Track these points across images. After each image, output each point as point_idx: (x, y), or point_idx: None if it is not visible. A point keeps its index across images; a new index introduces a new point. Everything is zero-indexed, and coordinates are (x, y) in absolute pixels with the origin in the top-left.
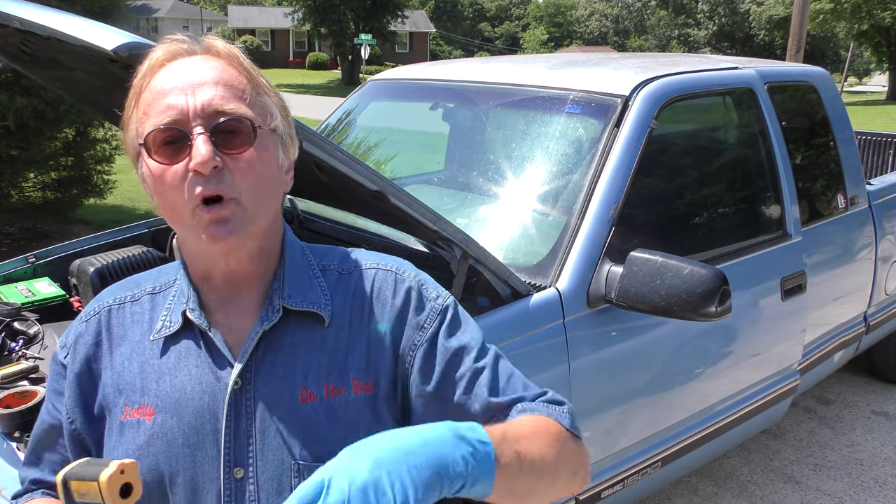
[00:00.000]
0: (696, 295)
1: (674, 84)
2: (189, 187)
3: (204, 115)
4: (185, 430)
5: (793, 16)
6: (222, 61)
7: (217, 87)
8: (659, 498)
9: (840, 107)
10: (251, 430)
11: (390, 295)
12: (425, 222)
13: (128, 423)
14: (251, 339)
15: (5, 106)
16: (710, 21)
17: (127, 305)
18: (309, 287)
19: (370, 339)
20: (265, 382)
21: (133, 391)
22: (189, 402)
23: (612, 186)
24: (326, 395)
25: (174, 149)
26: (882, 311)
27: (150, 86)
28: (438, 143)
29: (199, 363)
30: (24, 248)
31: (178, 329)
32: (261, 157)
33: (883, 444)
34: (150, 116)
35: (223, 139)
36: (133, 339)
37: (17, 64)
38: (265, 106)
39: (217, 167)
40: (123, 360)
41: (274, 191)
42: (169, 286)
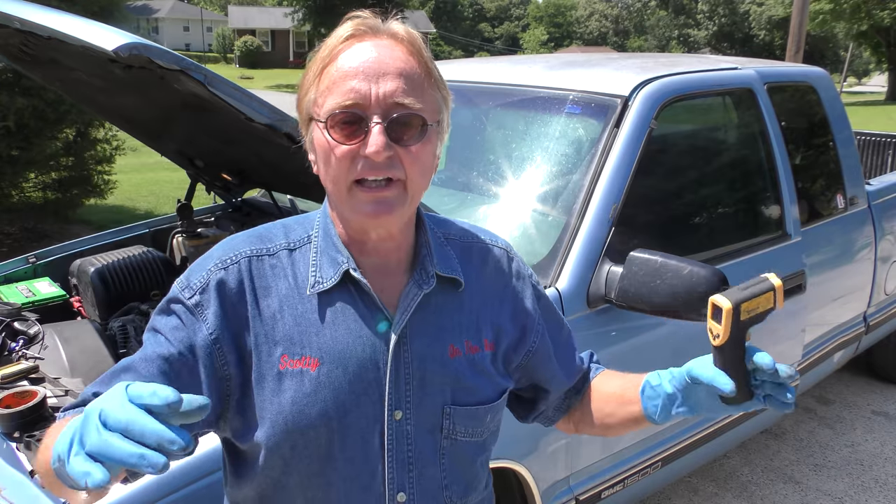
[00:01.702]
0: (696, 295)
1: (673, 84)
2: (356, 167)
3: (384, 105)
4: (351, 378)
5: (792, 16)
6: (405, 49)
7: (399, 80)
8: (659, 498)
9: (839, 107)
10: (409, 378)
11: (506, 271)
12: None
13: (288, 373)
14: (411, 299)
15: (6, 106)
16: (710, 21)
17: (265, 258)
18: (445, 255)
19: (493, 307)
20: (419, 338)
21: (291, 343)
22: (352, 353)
23: (612, 186)
24: (467, 350)
25: (350, 129)
26: (882, 311)
27: (337, 63)
28: None
29: (356, 318)
30: (24, 248)
31: (333, 286)
32: (425, 148)
33: (883, 444)
34: (333, 94)
35: (396, 130)
36: (280, 291)
37: (17, 64)
38: (435, 100)
39: (389, 156)
40: (273, 312)
41: (429, 177)
42: (304, 243)
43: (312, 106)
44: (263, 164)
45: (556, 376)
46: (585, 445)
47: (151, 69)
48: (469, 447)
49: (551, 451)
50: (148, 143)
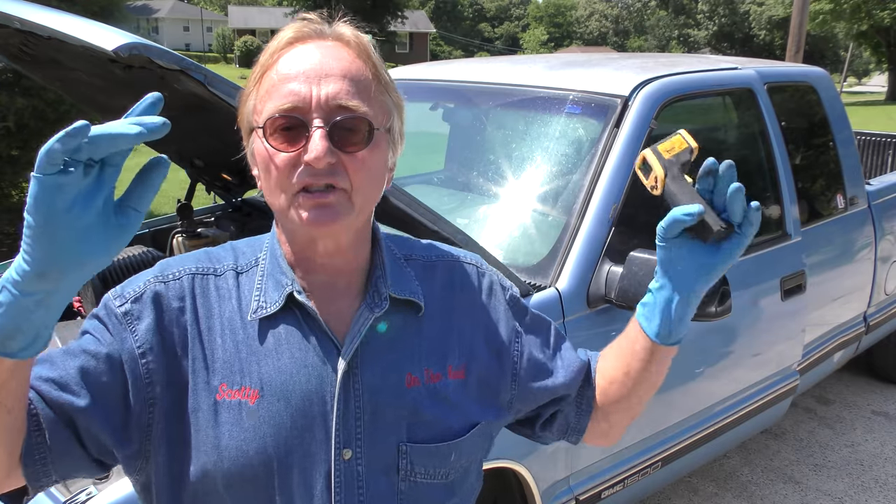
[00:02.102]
0: None
1: (673, 84)
2: (298, 175)
3: (326, 108)
4: (294, 413)
5: (792, 16)
6: (351, 52)
7: (343, 81)
8: (659, 498)
9: (839, 107)
10: (359, 413)
11: (476, 287)
12: (425, 222)
13: (225, 404)
14: (362, 323)
15: (6, 106)
16: (710, 21)
17: (210, 278)
18: (403, 277)
19: (461, 329)
20: (371, 367)
21: (231, 371)
22: (296, 384)
23: (612, 186)
24: (427, 379)
25: (290, 135)
26: (882, 311)
27: (277, 66)
28: (438, 143)
29: (302, 346)
30: None
31: (277, 311)
32: (372, 155)
33: (883, 444)
34: (272, 99)
35: (340, 135)
36: (222, 314)
37: (17, 64)
38: (385, 105)
39: (331, 163)
40: (215, 336)
41: (379, 187)
42: (252, 266)
43: (252, 115)
44: None
45: (559, 388)
46: (585, 445)
47: (151, 69)
48: (433, 490)
49: (551, 451)
50: (148, 143)
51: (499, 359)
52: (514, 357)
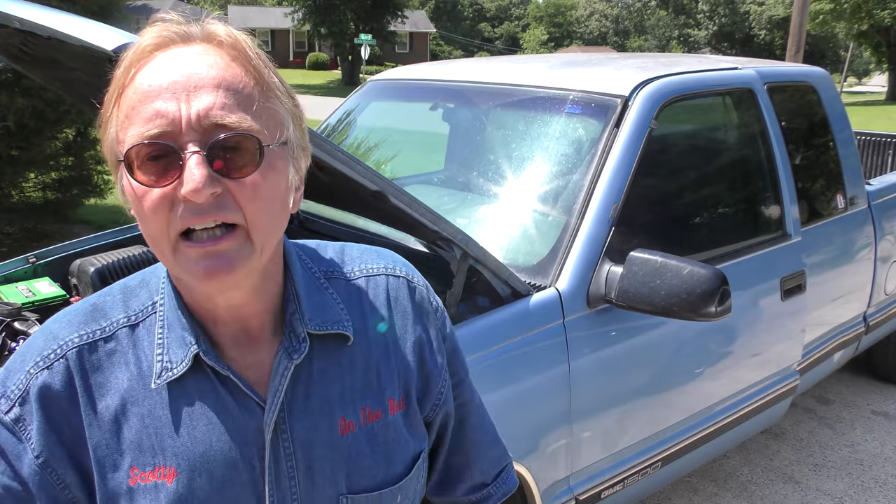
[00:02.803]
0: (696, 295)
1: (673, 84)
2: (176, 216)
3: (200, 129)
4: (219, 486)
5: (792, 16)
6: (225, 55)
7: (217, 92)
8: (659, 498)
9: (839, 107)
10: (293, 472)
11: (408, 304)
12: (425, 222)
13: (140, 489)
14: (282, 374)
15: (6, 106)
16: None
17: (99, 343)
18: (324, 303)
19: (395, 353)
20: (300, 418)
21: (140, 451)
22: (217, 455)
23: (612, 186)
24: (364, 421)
25: (161, 166)
26: (882, 311)
27: (136, 82)
28: (438, 143)
29: (218, 409)
30: (24, 248)
31: (185, 371)
32: (267, 178)
33: (883, 444)
34: (134, 123)
35: (223, 158)
36: (120, 386)
37: (17, 64)
38: (275, 114)
39: (215, 194)
40: (115, 415)
41: (282, 215)
42: (148, 314)
43: (115, 145)
44: None
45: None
46: (585, 445)
47: None
48: None
49: (551, 451)
50: None
51: (427, 381)
52: (443, 380)
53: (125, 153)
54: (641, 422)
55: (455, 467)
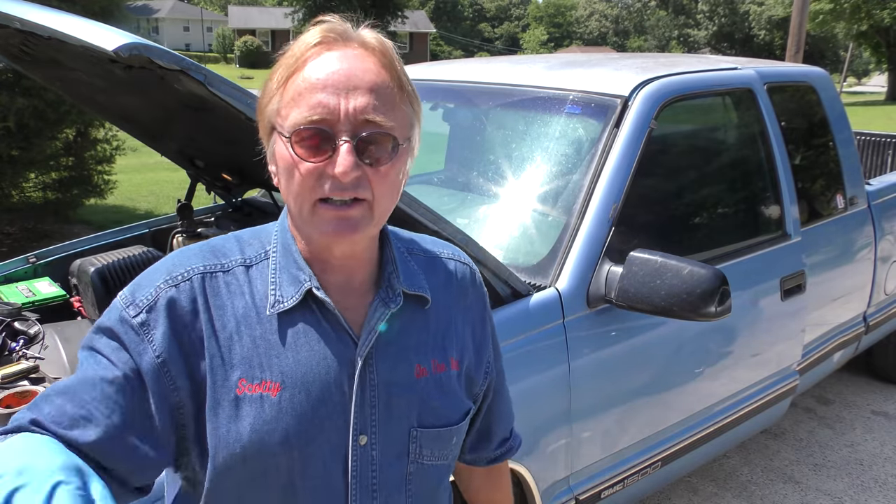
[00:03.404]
0: (696, 295)
1: (673, 84)
2: (322, 185)
3: (353, 122)
4: (314, 403)
5: (792, 16)
6: (377, 61)
7: (371, 95)
8: (659, 498)
9: (839, 107)
10: (374, 402)
11: (470, 286)
12: (425, 222)
13: (246, 398)
14: (377, 318)
15: (6, 106)
16: (710, 21)
17: (219, 275)
18: (411, 272)
19: (456, 324)
20: (384, 359)
21: (250, 366)
22: (315, 377)
23: (612, 186)
24: (434, 370)
25: (317, 146)
26: (881, 311)
27: (304, 73)
28: (438, 143)
29: (320, 340)
30: (24, 248)
31: (294, 305)
32: (395, 168)
33: (883, 444)
34: (299, 107)
35: (365, 149)
36: (236, 311)
37: (17, 64)
38: (406, 117)
39: (357, 176)
40: (230, 334)
41: (397, 195)
42: (261, 259)
43: (276, 116)
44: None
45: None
46: (585, 445)
47: (151, 69)
48: (435, 471)
49: (551, 451)
50: (148, 143)
51: (478, 354)
52: (489, 356)
53: (291, 132)
54: (641, 422)
55: (489, 427)
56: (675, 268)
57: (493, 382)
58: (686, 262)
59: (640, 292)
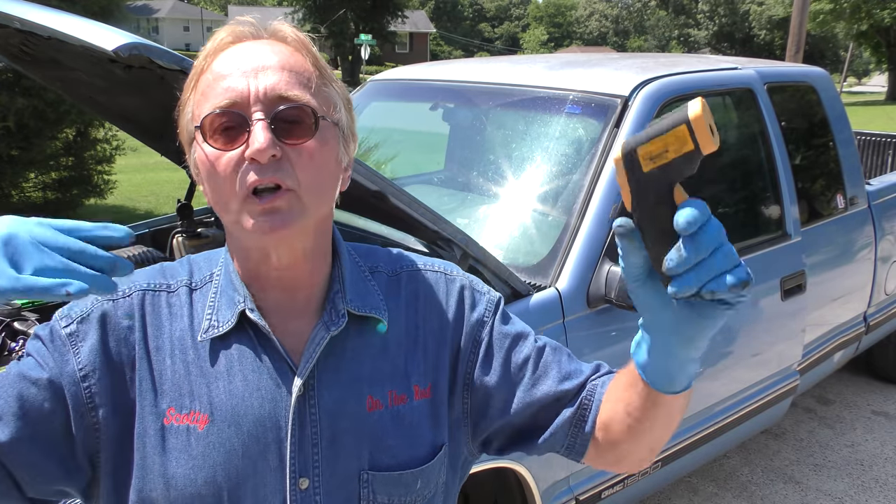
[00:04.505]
0: None
1: (673, 84)
2: (242, 176)
3: (265, 101)
4: (245, 440)
5: (792, 16)
6: (289, 47)
7: (282, 72)
8: (659, 498)
9: (839, 107)
10: (316, 439)
11: (444, 297)
12: (425, 222)
13: (173, 429)
14: (317, 343)
15: (6, 106)
16: (710, 21)
17: (163, 294)
18: (366, 291)
19: (426, 344)
20: (329, 389)
21: (179, 394)
22: (248, 409)
23: (612, 186)
24: (391, 402)
25: (231, 134)
26: (882, 311)
27: (212, 67)
28: (438, 143)
29: (255, 368)
30: None
31: (228, 331)
32: (321, 149)
33: (883, 444)
34: (209, 99)
35: (284, 128)
36: (173, 334)
37: (17, 64)
38: (330, 96)
39: (276, 156)
40: (164, 357)
41: (331, 186)
42: (206, 282)
43: (191, 122)
44: None
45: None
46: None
47: (152, 69)
48: None
49: None
50: (148, 143)
51: (454, 369)
52: (468, 365)
53: (200, 122)
54: None
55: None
56: None
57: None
58: None
59: None
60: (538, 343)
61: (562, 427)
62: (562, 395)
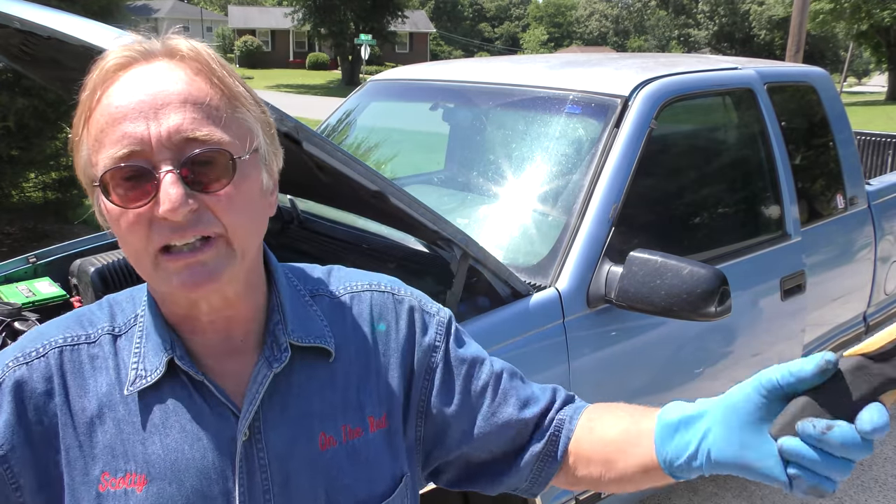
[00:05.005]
0: (696, 295)
1: (673, 84)
2: (158, 233)
3: (171, 146)
4: (189, 496)
5: (792, 16)
6: (189, 69)
7: (185, 108)
8: (659, 498)
9: (839, 107)
10: (268, 485)
11: (393, 319)
12: (425, 222)
13: (109, 495)
14: (259, 383)
15: (6, 106)
16: (710, 21)
17: (83, 347)
18: (307, 318)
19: (378, 371)
20: (277, 430)
21: (112, 456)
22: (189, 463)
23: (612, 186)
24: (345, 437)
25: (136, 186)
26: (881, 311)
27: (102, 104)
28: (438, 143)
29: (193, 417)
30: (24, 248)
31: (159, 379)
32: (241, 188)
33: (883, 444)
34: (105, 146)
35: (197, 173)
36: (99, 390)
37: (17, 64)
38: (243, 123)
39: (192, 210)
40: (91, 418)
41: (260, 221)
42: (131, 325)
43: (88, 168)
44: None
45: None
46: None
47: None
48: None
49: None
50: None
51: (407, 395)
52: (423, 392)
53: (100, 177)
54: None
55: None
56: (675, 268)
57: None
58: (686, 262)
59: (640, 292)
60: (495, 368)
61: (529, 463)
62: (523, 426)
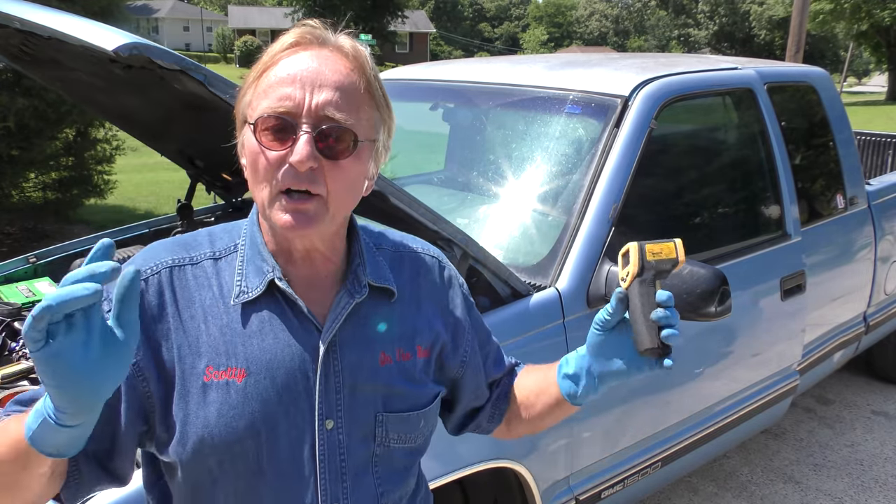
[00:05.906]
0: (696, 295)
1: (673, 84)
2: (282, 175)
3: (315, 116)
4: (279, 389)
5: (792, 16)
6: (347, 64)
7: (335, 92)
8: (659, 498)
9: (839, 107)
10: (339, 387)
11: (438, 279)
12: (425, 222)
13: (213, 385)
14: (342, 307)
15: (6, 106)
16: (711, 21)
17: (188, 268)
18: (378, 265)
19: (426, 314)
20: (349, 346)
21: (216, 354)
22: (281, 363)
23: (612, 186)
24: (398, 358)
25: (279, 135)
26: (881, 311)
27: (276, 68)
28: (438, 143)
29: (285, 328)
30: (24, 248)
31: (258, 296)
32: (354, 166)
33: (883, 444)
34: (267, 98)
35: (325, 143)
36: (203, 302)
37: (17, 64)
38: (373, 119)
39: (313, 168)
40: (198, 324)
41: (356, 195)
42: (230, 252)
43: (247, 108)
44: None
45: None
46: (585, 445)
47: (151, 69)
48: (403, 454)
49: (551, 451)
50: (148, 143)
51: (454, 342)
52: (467, 345)
53: (255, 119)
54: (641, 422)
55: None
56: None
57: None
58: (686, 262)
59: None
60: (494, 340)
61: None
62: (497, 379)
